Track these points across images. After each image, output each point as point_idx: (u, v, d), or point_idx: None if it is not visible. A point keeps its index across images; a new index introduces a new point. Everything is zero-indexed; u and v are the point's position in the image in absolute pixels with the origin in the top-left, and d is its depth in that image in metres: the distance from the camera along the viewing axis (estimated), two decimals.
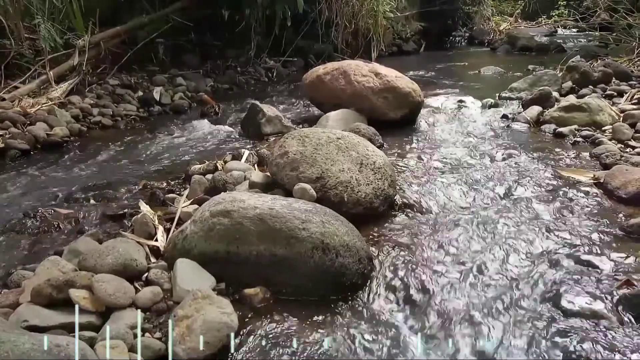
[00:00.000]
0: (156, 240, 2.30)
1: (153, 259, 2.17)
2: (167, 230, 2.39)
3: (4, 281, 2.08)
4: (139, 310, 1.75)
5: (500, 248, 2.24)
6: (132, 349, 1.60)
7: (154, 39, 6.52)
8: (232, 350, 1.63)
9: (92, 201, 2.92)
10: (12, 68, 5.16)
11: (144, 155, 4.01)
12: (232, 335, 1.63)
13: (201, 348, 1.56)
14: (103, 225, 2.60)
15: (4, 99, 4.56)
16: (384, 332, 1.74)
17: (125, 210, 2.71)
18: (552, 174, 3.03)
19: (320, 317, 1.82)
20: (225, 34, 7.32)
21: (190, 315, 1.65)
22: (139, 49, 6.32)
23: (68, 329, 1.65)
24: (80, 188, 3.16)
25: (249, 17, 7.01)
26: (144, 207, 2.56)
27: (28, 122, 4.26)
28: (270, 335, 1.72)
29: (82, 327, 1.66)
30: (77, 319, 1.65)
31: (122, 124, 4.99)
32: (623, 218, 2.46)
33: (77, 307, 1.68)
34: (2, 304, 1.82)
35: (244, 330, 1.74)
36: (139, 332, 1.64)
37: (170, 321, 1.65)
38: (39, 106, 4.57)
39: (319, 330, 1.75)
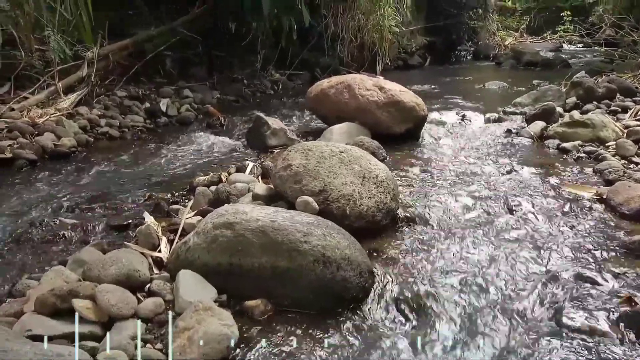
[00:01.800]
0: (160, 251, 2.31)
1: (156, 270, 2.19)
2: (171, 242, 2.41)
3: (9, 290, 2.10)
4: (138, 321, 1.75)
5: (502, 263, 2.24)
6: None
7: (161, 51, 6.61)
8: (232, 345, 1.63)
9: (97, 211, 2.95)
10: (22, 79, 5.23)
11: (150, 166, 4.05)
12: (233, 342, 1.64)
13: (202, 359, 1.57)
14: (107, 236, 2.63)
15: (13, 109, 4.62)
16: (385, 346, 1.75)
17: (130, 220, 2.73)
18: (555, 190, 3.04)
19: (321, 330, 1.82)
20: (232, 47, 7.40)
21: (191, 326, 1.66)
22: (147, 61, 6.39)
23: (71, 338, 1.66)
24: (86, 198, 3.19)
25: (255, 30, 7.10)
26: (148, 218, 2.59)
27: (36, 132, 4.31)
28: (271, 348, 1.73)
29: (85, 337, 1.67)
30: (77, 328, 1.66)
31: (129, 135, 5.04)
32: (625, 234, 2.46)
33: (77, 316, 1.70)
34: (7, 313, 1.83)
35: (245, 342, 1.74)
36: (138, 342, 1.65)
37: (170, 328, 1.66)
38: (48, 117, 4.62)
39: (320, 343, 1.75)
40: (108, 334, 1.66)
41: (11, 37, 5.25)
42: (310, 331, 1.81)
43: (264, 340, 1.76)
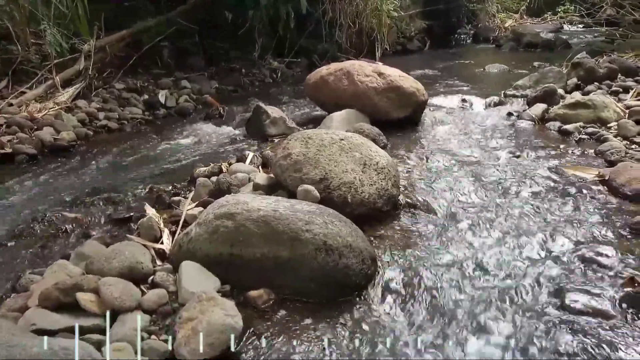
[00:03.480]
0: (162, 243, 2.32)
1: (159, 262, 2.19)
2: (173, 233, 2.41)
3: (12, 285, 2.11)
4: (138, 315, 1.76)
5: (504, 246, 2.24)
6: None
7: (158, 42, 6.56)
8: (233, 349, 1.63)
9: (98, 205, 2.95)
10: (19, 73, 5.21)
11: (150, 158, 4.04)
12: (232, 336, 1.64)
13: (206, 349, 1.58)
14: (109, 229, 2.63)
15: (11, 104, 4.61)
16: (388, 334, 1.75)
17: (132, 213, 2.73)
18: (557, 172, 3.03)
19: (324, 319, 1.83)
20: (229, 36, 7.34)
21: (195, 317, 1.67)
22: (144, 52, 6.35)
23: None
24: (87, 192, 3.19)
25: (252, 18, 7.03)
26: (150, 210, 2.59)
27: (35, 127, 4.30)
28: (275, 337, 1.74)
29: (90, 330, 1.68)
30: (77, 321, 1.67)
31: (128, 128, 5.02)
32: (628, 215, 2.45)
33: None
34: (11, 308, 1.85)
35: (249, 332, 1.75)
36: (138, 334, 1.65)
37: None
38: (46, 111, 4.61)
39: (323, 332, 1.76)
40: (108, 327, 1.67)
41: (7, 31, 5.22)
42: (314, 320, 1.82)
43: (267, 329, 1.77)
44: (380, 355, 1.66)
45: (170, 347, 1.63)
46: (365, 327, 1.79)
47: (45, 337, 1.51)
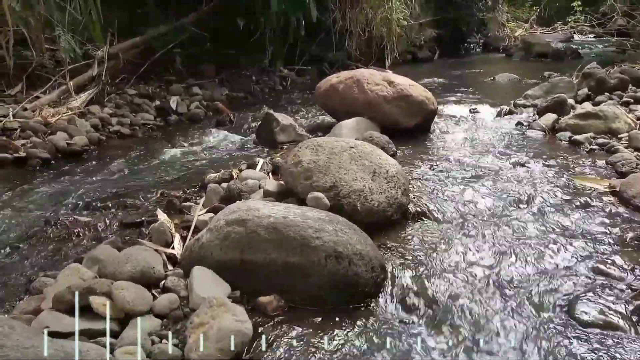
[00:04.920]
0: (173, 248, 2.34)
1: (170, 267, 2.21)
2: (184, 238, 2.43)
3: (26, 288, 2.14)
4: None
5: (514, 257, 2.23)
6: (150, 355, 1.63)
7: (170, 49, 6.64)
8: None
9: (110, 209, 2.98)
10: (34, 78, 5.30)
11: (161, 163, 4.08)
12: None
13: (216, 354, 1.59)
14: (122, 233, 2.66)
15: (25, 109, 4.69)
16: (397, 343, 1.75)
17: (143, 218, 2.76)
18: (567, 182, 3.02)
19: (334, 326, 1.83)
20: (240, 43, 7.41)
21: (205, 322, 1.68)
22: (156, 59, 6.43)
23: (88, 335, 1.69)
24: (100, 196, 3.23)
25: (263, 26, 7.10)
26: (161, 216, 2.61)
27: (49, 131, 4.37)
28: (284, 344, 1.74)
29: (101, 333, 1.70)
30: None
31: (140, 133, 5.09)
32: (639, 227, 2.44)
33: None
34: (25, 310, 1.87)
35: (258, 338, 1.76)
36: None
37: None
38: (60, 116, 4.69)
39: (332, 339, 1.76)
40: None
41: (22, 37, 5.31)
42: (323, 327, 1.83)
43: (277, 336, 1.78)
44: None
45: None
46: (374, 335, 1.79)
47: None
